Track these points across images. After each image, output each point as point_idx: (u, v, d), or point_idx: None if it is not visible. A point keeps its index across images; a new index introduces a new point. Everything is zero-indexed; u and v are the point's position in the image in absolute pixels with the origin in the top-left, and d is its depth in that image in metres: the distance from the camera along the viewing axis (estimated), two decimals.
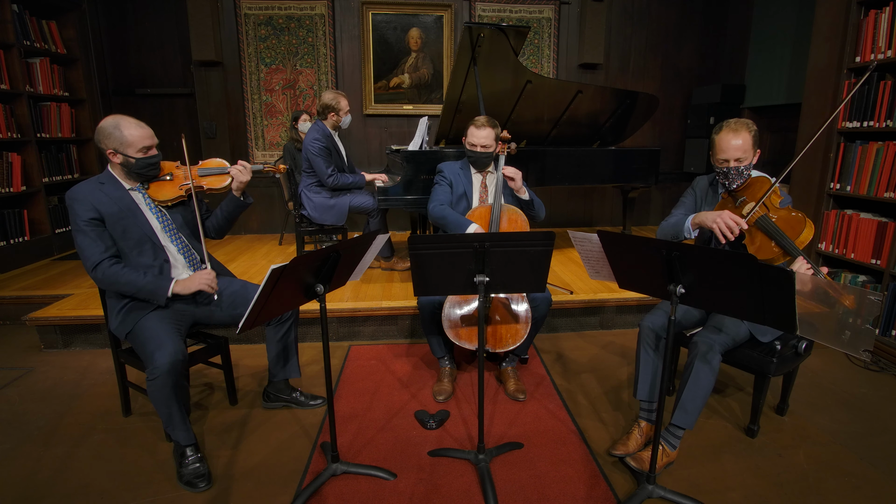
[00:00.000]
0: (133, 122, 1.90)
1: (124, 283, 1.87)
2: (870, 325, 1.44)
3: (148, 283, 1.88)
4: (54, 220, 4.30)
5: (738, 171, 1.89)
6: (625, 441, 1.99)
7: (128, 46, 5.12)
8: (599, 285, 3.31)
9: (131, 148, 1.89)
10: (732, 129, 1.86)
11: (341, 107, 3.45)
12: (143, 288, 1.88)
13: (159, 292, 1.90)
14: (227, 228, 2.23)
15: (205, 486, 1.79)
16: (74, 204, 1.86)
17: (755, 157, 1.92)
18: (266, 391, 2.31)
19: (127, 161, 1.90)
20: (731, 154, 1.87)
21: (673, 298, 1.57)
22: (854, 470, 1.91)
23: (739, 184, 1.92)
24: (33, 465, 1.92)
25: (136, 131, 1.89)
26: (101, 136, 1.88)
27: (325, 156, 3.40)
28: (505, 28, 3.13)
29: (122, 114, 1.93)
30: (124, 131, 1.87)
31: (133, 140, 1.88)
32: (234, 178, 2.09)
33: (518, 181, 2.44)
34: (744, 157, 1.87)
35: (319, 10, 4.90)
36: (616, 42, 5.30)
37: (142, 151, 1.91)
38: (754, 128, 1.89)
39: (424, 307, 2.37)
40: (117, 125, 1.87)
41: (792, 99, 4.40)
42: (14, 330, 3.24)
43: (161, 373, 1.74)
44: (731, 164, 1.88)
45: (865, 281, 2.94)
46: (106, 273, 1.84)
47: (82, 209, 1.85)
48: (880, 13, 2.78)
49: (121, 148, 1.88)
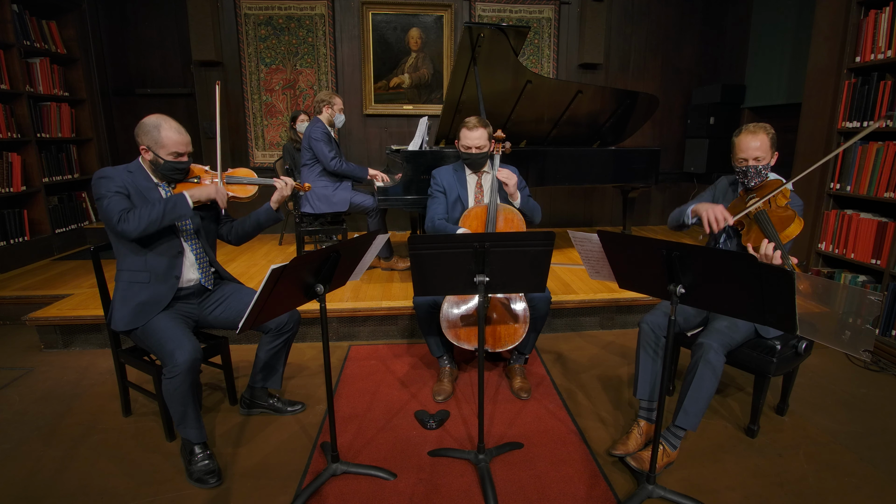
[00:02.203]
0: (174, 127, 1.93)
1: (148, 217, 1.84)
2: (870, 325, 1.44)
3: (166, 207, 1.87)
4: (54, 220, 4.29)
5: (757, 171, 1.96)
6: (625, 441, 1.99)
7: (128, 46, 5.12)
8: (599, 285, 3.31)
9: (164, 150, 1.92)
10: (751, 132, 1.96)
11: (334, 101, 3.55)
12: (165, 209, 1.86)
13: (180, 203, 1.89)
14: (250, 237, 2.25)
15: (215, 483, 1.80)
16: (103, 180, 1.87)
17: (773, 159, 1.98)
18: (243, 397, 2.28)
19: (156, 160, 1.93)
20: (749, 154, 1.95)
21: (673, 298, 1.57)
22: (854, 470, 1.91)
23: (757, 182, 1.99)
24: (33, 465, 1.92)
25: (173, 136, 1.92)
26: (141, 130, 1.92)
27: (326, 140, 3.46)
28: (505, 28, 3.13)
29: (162, 114, 1.96)
30: (162, 133, 1.90)
31: (167, 143, 1.91)
32: (278, 190, 2.13)
33: (512, 186, 2.39)
34: (762, 157, 1.95)
35: (319, 10, 4.90)
36: (616, 42, 5.30)
37: (172, 155, 1.93)
38: (772, 131, 1.97)
39: (421, 307, 2.37)
40: (158, 125, 1.91)
41: (792, 99, 4.39)
42: (14, 330, 3.24)
43: (181, 371, 1.76)
44: (749, 164, 1.96)
45: (865, 281, 2.94)
46: (128, 218, 1.83)
47: (112, 184, 1.87)
48: (880, 13, 2.78)
49: (154, 147, 1.91)
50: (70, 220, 4.50)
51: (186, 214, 1.92)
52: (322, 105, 3.53)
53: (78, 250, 4.43)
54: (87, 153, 4.75)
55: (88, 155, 4.76)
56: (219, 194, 1.99)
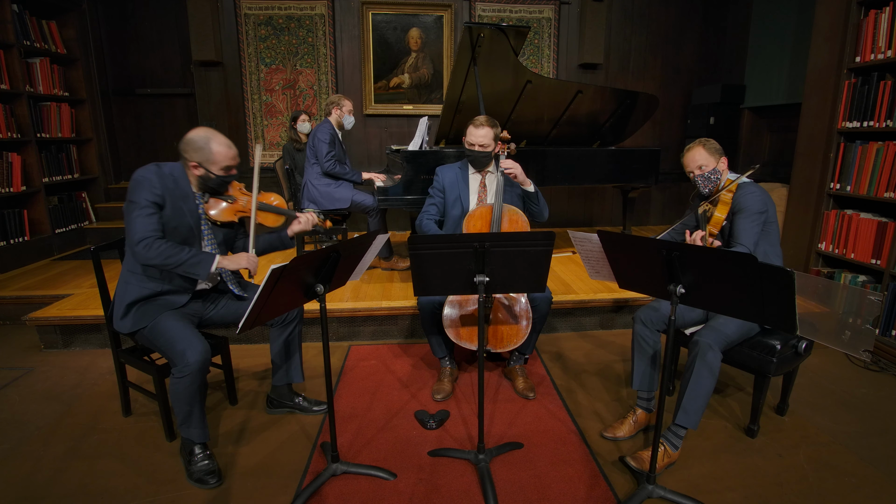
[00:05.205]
0: (224, 141, 1.92)
1: (168, 255, 1.82)
2: (870, 325, 1.44)
3: (192, 256, 1.85)
4: (54, 220, 4.29)
5: (706, 178, 2.08)
6: (617, 426, 2.09)
7: (128, 46, 5.12)
8: (599, 285, 3.31)
9: (216, 166, 1.91)
10: (689, 148, 2.12)
11: (343, 103, 3.64)
12: (188, 260, 1.84)
13: (204, 263, 1.87)
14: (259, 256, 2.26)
15: (215, 483, 1.80)
16: (144, 182, 1.84)
17: (720, 163, 2.09)
18: (269, 397, 2.31)
19: (207, 176, 1.92)
20: (692, 166, 2.10)
21: (673, 298, 1.57)
22: (854, 470, 1.91)
23: (711, 188, 2.11)
24: (33, 465, 1.92)
25: (224, 150, 1.91)
26: (189, 147, 1.89)
27: (330, 142, 3.53)
28: (505, 28, 3.13)
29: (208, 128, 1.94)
30: (213, 148, 1.89)
31: (219, 159, 1.91)
32: (301, 224, 2.14)
33: (519, 174, 2.41)
34: (705, 165, 2.07)
35: (319, 10, 4.90)
36: (616, 42, 5.30)
37: (224, 170, 1.93)
38: (711, 142, 2.10)
39: (424, 307, 2.37)
40: (208, 141, 1.89)
41: (792, 99, 4.39)
42: (14, 330, 3.24)
43: (192, 370, 1.77)
44: (696, 174, 2.10)
45: (865, 281, 2.94)
46: (151, 246, 1.80)
47: (150, 190, 1.84)
48: (880, 13, 2.78)
49: (206, 163, 1.90)
50: (70, 220, 4.50)
51: (202, 276, 1.90)
52: (331, 107, 3.61)
53: (78, 250, 4.43)
54: (87, 153, 4.75)
55: (88, 155, 4.76)
56: (250, 264, 1.94)
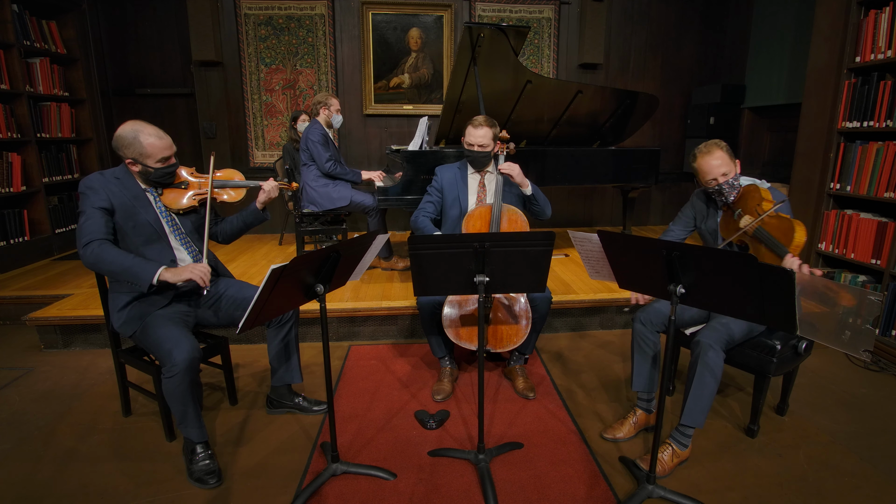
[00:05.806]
0: (153, 133, 1.88)
1: (110, 262, 1.79)
2: (870, 325, 1.44)
3: (135, 265, 1.81)
4: (54, 220, 4.29)
5: (730, 185, 1.99)
6: (617, 426, 2.08)
7: (128, 46, 5.12)
8: (599, 285, 3.31)
9: (150, 159, 1.89)
10: (707, 152, 1.98)
11: (331, 103, 3.59)
12: (129, 269, 1.80)
13: (144, 275, 1.80)
14: (237, 236, 2.25)
15: (215, 483, 1.80)
16: (89, 192, 1.85)
17: (737, 168, 2.01)
18: (269, 397, 2.31)
19: (146, 171, 1.90)
20: (716, 173, 1.97)
21: (673, 298, 1.57)
22: (854, 470, 1.91)
23: (734, 195, 2.01)
24: (33, 465, 1.92)
25: (156, 142, 1.88)
26: (121, 144, 1.87)
27: (323, 142, 3.51)
28: (505, 28, 3.13)
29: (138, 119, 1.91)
30: (144, 140, 1.86)
31: (152, 151, 1.88)
32: (267, 191, 2.13)
33: (517, 175, 2.39)
34: (728, 171, 1.97)
35: (319, 10, 4.90)
36: (616, 42, 5.30)
37: (160, 162, 1.91)
38: (724, 143, 2.01)
39: (424, 307, 2.37)
40: (136, 135, 1.85)
41: (792, 99, 4.39)
42: (14, 330, 3.24)
43: (179, 370, 1.76)
44: (720, 181, 1.98)
45: (865, 281, 2.94)
46: (94, 250, 1.79)
47: (97, 197, 1.84)
48: (880, 13, 2.78)
49: (140, 158, 1.88)
50: (70, 220, 4.49)
51: (142, 287, 1.84)
52: (319, 107, 3.58)
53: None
54: (87, 153, 4.75)
55: (88, 155, 4.75)
56: (195, 275, 1.85)
